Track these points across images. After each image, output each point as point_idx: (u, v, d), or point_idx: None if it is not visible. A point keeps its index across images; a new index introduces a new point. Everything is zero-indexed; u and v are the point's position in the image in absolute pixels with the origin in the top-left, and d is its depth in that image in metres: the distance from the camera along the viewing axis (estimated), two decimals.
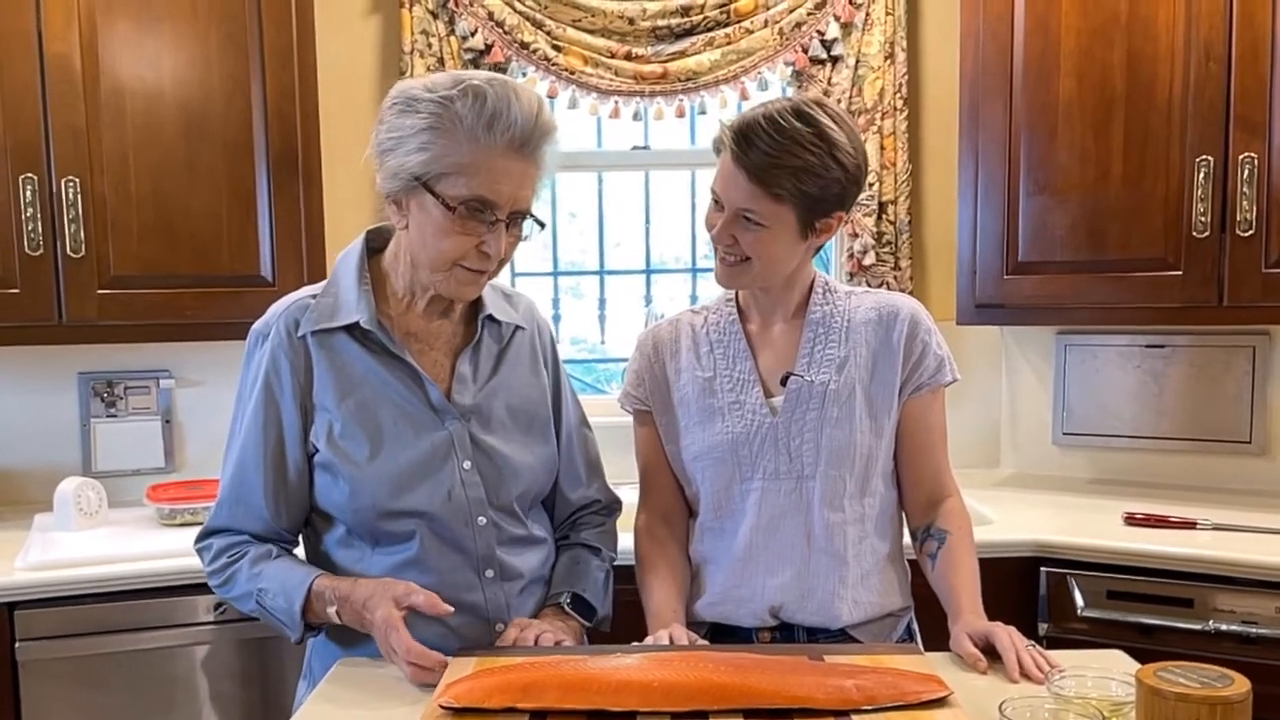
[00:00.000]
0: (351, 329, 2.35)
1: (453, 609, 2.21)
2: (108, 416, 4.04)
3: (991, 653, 2.21)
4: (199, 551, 2.46)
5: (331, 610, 2.28)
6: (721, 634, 2.57)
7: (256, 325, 2.41)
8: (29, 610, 3.11)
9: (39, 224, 3.43)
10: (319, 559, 2.46)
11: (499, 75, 2.27)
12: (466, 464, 2.40)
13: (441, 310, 2.44)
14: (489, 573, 2.42)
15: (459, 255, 2.26)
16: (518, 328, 2.55)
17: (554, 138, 2.28)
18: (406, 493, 2.34)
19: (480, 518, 2.41)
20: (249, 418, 2.37)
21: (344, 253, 2.45)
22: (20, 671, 3.11)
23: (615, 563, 2.69)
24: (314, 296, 2.40)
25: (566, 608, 2.50)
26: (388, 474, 2.33)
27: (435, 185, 2.20)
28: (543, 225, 2.34)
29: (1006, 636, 2.21)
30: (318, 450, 2.36)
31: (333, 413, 2.34)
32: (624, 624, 2.56)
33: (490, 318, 2.49)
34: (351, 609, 2.26)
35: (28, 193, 3.41)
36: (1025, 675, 2.13)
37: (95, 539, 3.44)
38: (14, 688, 3.11)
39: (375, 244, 2.47)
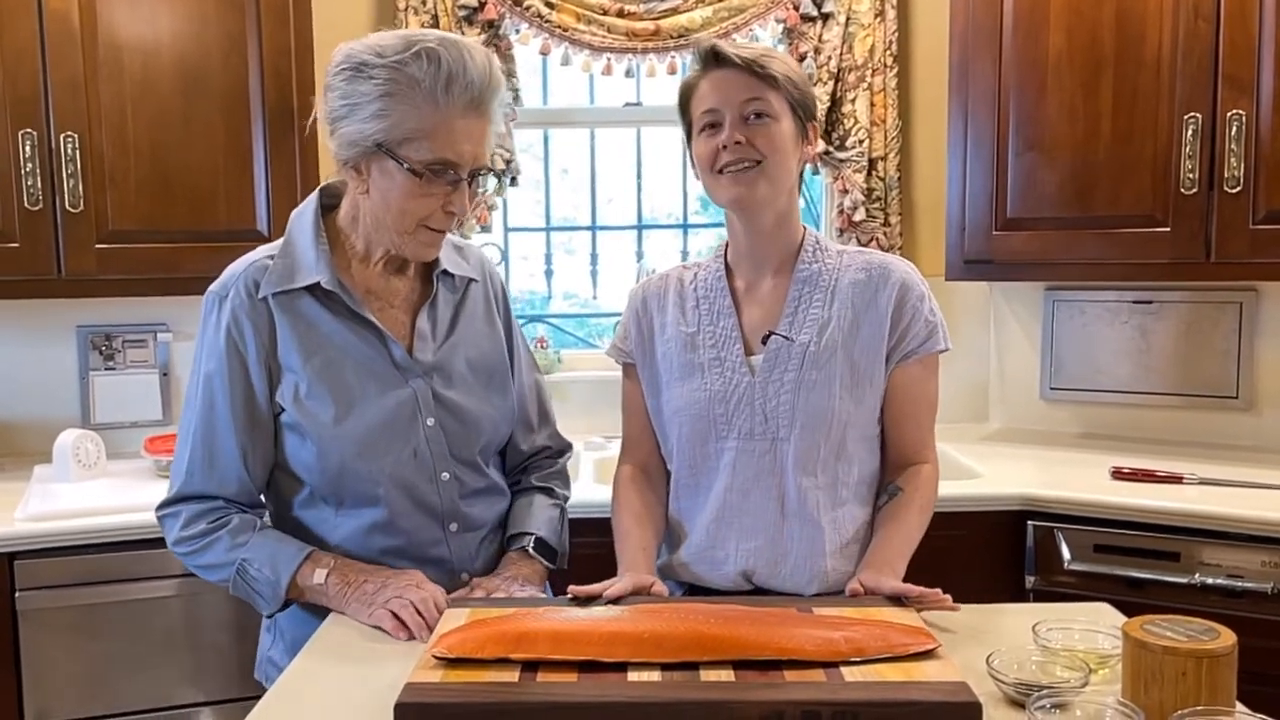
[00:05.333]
0: (313, 289, 2.35)
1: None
2: (106, 369, 4.06)
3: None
4: (163, 519, 2.43)
5: (322, 573, 2.29)
6: (696, 595, 2.55)
7: (213, 287, 2.40)
8: (28, 560, 3.14)
9: (38, 179, 3.45)
10: (283, 521, 2.47)
11: (447, 34, 2.27)
12: (430, 421, 2.42)
13: (397, 267, 2.46)
14: (452, 526, 2.47)
15: (425, 216, 2.29)
16: (471, 280, 2.58)
17: (503, 90, 2.31)
18: (374, 453, 2.36)
19: (444, 473, 2.44)
20: (214, 380, 2.36)
21: (297, 211, 2.46)
22: (20, 620, 3.15)
23: (591, 515, 2.73)
24: (271, 257, 2.39)
25: (531, 551, 2.54)
26: (355, 434, 2.34)
27: (397, 150, 2.22)
28: (499, 177, 2.35)
29: (901, 589, 2.20)
30: (283, 410, 2.36)
31: (298, 373, 2.34)
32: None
33: (445, 272, 2.51)
34: (354, 571, 2.28)
35: (27, 148, 3.43)
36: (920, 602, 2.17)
37: (93, 490, 3.47)
38: (14, 636, 3.15)
39: (328, 201, 2.47)
